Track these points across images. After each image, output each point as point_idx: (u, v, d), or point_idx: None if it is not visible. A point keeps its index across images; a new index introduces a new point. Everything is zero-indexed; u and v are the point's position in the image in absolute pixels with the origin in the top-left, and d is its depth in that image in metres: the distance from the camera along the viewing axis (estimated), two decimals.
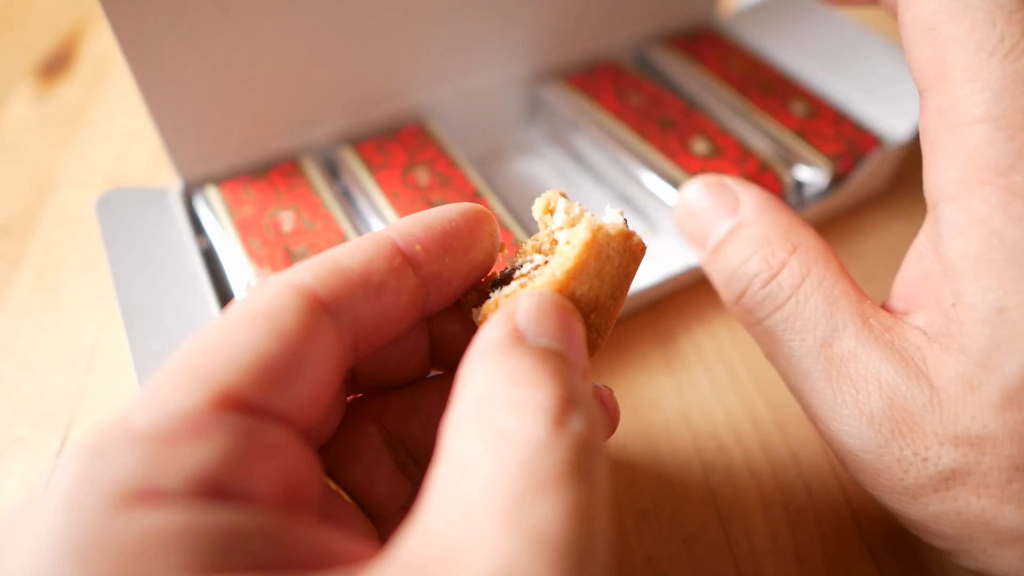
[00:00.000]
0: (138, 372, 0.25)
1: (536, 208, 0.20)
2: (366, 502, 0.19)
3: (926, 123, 0.19)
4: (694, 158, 0.33)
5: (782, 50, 0.39)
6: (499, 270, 0.20)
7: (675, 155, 0.33)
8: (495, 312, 0.17)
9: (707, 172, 0.32)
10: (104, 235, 0.29)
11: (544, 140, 0.39)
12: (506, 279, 0.19)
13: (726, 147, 0.34)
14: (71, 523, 0.12)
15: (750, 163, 0.33)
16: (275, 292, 0.15)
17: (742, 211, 0.23)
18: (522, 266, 0.19)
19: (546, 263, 0.18)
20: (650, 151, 0.34)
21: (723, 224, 0.23)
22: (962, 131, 0.18)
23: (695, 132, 0.34)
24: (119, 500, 0.12)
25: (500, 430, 0.13)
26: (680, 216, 0.24)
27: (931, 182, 0.19)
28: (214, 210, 0.31)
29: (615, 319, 0.19)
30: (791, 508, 0.25)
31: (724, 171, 0.32)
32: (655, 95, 0.37)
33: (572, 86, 0.37)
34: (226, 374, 0.14)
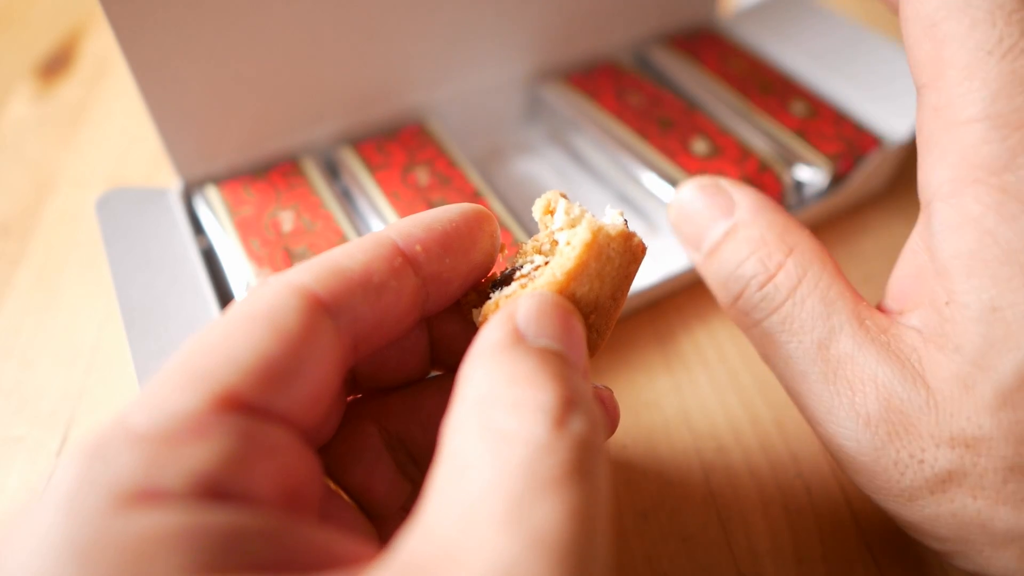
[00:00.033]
0: (138, 372, 0.25)
1: (536, 209, 0.20)
2: (366, 502, 0.19)
3: (922, 120, 0.19)
4: (694, 158, 0.33)
5: (782, 50, 0.39)
6: (499, 271, 0.20)
7: (675, 155, 0.33)
8: (495, 313, 0.17)
9: (707, 172, 0.32)
10: (104, 235, 0.29)
11: (544, 140, 0.39)
12: (506, 280, 0.19)
13: (726, 147, 0.34)
14: (71, 523, 0.12)
15: (750, 163, 0.33)
16: (275, 292, 0.15)
17: (737, 213, 0.23)
18: (522, 267, 0.19)
19: (546, 264, 0.18)
20: (650, 151, 0.34)
21: (718, 226, 0.23)
22: (957, 129, 0.18)
23: (695, 132, 0.34)
24: (119, 500, 0.12)
25: (500, 431, 0.13)
26: (674, 218, 0.24)
27: (925, 180, 0.19)
28: (214, 210, 0.31)
29: (615, 320, 0.19)
30: (791, 508, 0.25)
31: (724, 171, 0.32)
32: (655, 95, 0.37)
33: (572, 86, 0.37)
34: (226, 375, 0.14)
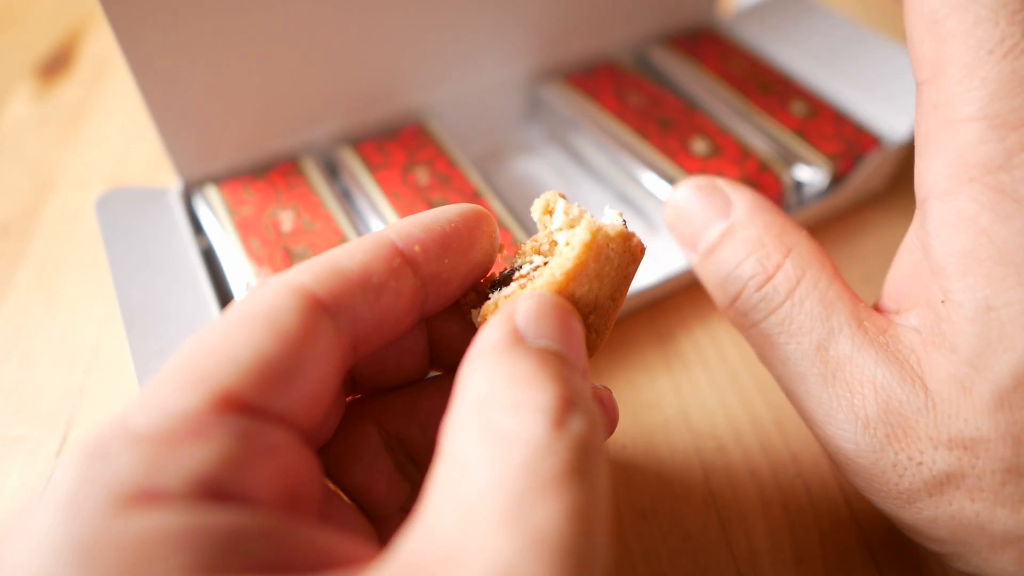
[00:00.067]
0: (138, 372, 0.25)
1: (535, 209, 0.20)
2: (365, 503, 0.19)
3: (921, 117, 0.19)
4: (694, 158, 0.33)
5: (782, 50, 0.39)
6: (498, 271, 0.20)
7: (675, 155, 0.33)
8: (494, 313, 0.17)
9: (707, 172, 0.32)
10: (104, 235, 0.29)
11: (544, 140, 0.39)
12: (505, 280, 0.19)
13: (726, 147, 0.34)
14: (71, 524, 0.12)
15: (750, 163, 0.33)
16: (275, 293, 0.15)
17: (734, 213, 0.22)
18: (521, 267, 0.19)
19: (545, 264, 0.18)
20: (650, 151, 0.34)
21: (715, 226, 0.23)
22: (955, 128, 0.18)
23: (695, 132, 0.34)
24: (119, 501, 0.12)
25: (500, 431, 0.13)
26: (671, 218, 0.24)
27: (921, 177, 0.19)
28: (214, 210, 0.31)
29: (614, 320, 0.19)
30: (791, 508, 0.25)
31: (724, 171, 0.32)
32: (655, 95, 0.37)
33: (572, 86, 0.37)
34: (226, 375, 0.14)
